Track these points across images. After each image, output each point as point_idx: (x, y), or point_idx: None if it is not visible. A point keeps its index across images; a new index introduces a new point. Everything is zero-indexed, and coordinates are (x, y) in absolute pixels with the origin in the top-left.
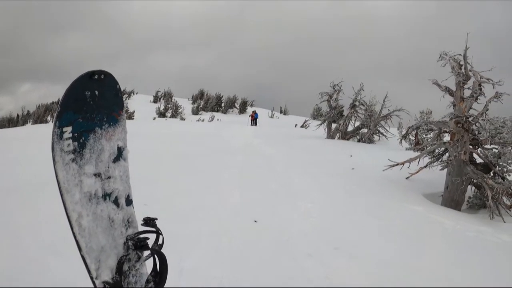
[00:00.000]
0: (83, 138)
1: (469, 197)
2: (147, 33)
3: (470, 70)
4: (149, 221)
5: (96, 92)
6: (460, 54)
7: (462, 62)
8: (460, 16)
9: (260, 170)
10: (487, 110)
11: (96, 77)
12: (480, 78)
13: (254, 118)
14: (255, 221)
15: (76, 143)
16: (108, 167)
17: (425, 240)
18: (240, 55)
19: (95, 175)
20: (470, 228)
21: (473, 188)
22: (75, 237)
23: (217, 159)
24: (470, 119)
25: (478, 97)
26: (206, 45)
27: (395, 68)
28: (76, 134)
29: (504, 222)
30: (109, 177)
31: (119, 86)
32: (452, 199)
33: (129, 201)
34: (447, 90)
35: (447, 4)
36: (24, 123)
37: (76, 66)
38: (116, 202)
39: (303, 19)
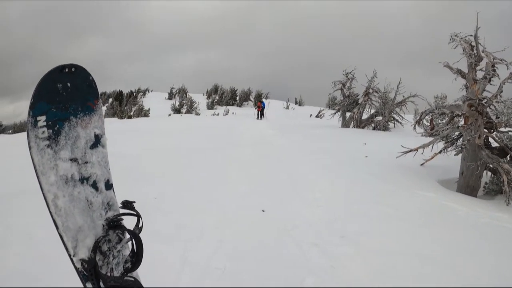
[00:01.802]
0: (57, 126)
1: (486, 183)
2: (165, 31)
3: (482, 51)
4: (127, 204)
5: (68, 84)
6: (471, 35)
7: (473, 43)
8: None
9: (271, 161)
10: (501, 92)
11: (66, 70)
12: (493, 59)
13: (261, 108)
14: (263, 211)
15: (50, 131)
16: (84, 153)
17: (436, 228)
18: (255, 50)
19: (71, 160)
20: (485, 214)
21: (489, 173)
22: (51, 216)
23: (229, 152)
24: (483, 101)
25: (492, 79)
26: (221, 41)
27: (408, 55)
28: (50, 123)
29: None
30: (86, 162)
31: (92, 78)
32: (467, 185)
33: (108, 186)
34: (459, 72)
35: None
36: None
37: (96, 68)
38: (94, 185)
39: (316, 12)
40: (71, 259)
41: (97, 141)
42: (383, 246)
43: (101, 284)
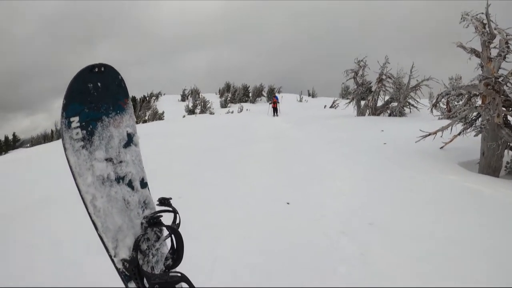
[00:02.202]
0: (91, 127)
1: (507, 162)
2: (174, 32)
3: (495, 29)
4: (164, 201)
5: (99, 84)
6: (482, 13)
7: (485, 21)
8: None
9: (289, 154)
10: None
11: (96, 70)
12: (507, 35)
13: (276, 103)
14: (288, 203)
15: (84, 132)
16: (119, 152)
17: (462, 210)
18: (265, 46)
19: (106, 160)
20: (509, 194)
21: (510, 152)
22: (90, 217)
23: (247, 148)
24: (500, 79)
25: (506, 56)
26: (231, 39)
27: (417, 39)
28: (83, 123)
29: None
30: (120, 162)
31: (121, 77)
32: (489, 166)
33: (143, 184)
34: (473, 51)
35: None
36: (59, 138)
37: None
38: (130, 184)
39: (322, 4)
40: (112, 260)
41: (130, 140)
42: (412, 232)
43: (145, 283)
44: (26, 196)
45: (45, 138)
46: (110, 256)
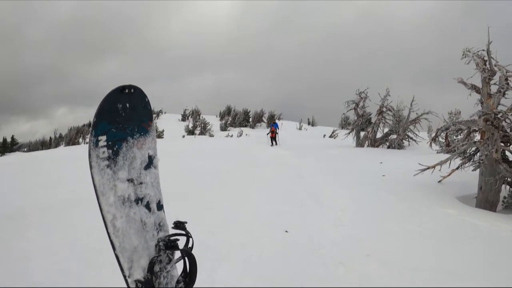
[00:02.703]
0: (116, 147)
1: (504, 197)
2: (183, 52)
3: (495, 65)
4: (179, 224)
5: (127, 105)
6: (483, 50)
7: (486, 58)
8: (481, 18)
9: (289, 181)
10: None
11: (126, 91)
12: (506, 72)
13: (275, 134)
14: (286, 231)
15: (110, 151)
16: (140, 174)
17: (459, 244)
18: (268, 72)
19: (128, 180)
20: (506, 228)
21: (508, 187)
22: (109, 237)
23: (246, 173)
24: (499, 115)
25: (506, 92)
26: (237, 63)
27: (420, 74)
28: (110, 143)
29: None
30: (141, 183)
31: (148, 99)
32: (486, 200)
33: (160, 206)
34: (473, 87)
35: (468, 5)
36: (56, 145)
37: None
38: (148, 206)
39: (330, 32)
40: (126, 280)
41: (151, 162)
42: (410, 264)
43: None
44: None
45: (43, 144)
46: (124, 276)
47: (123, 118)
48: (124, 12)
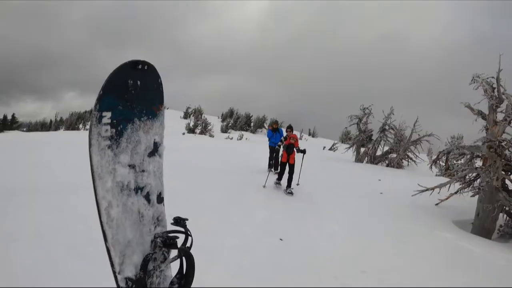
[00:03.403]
0: (121, 126)
1: (500, 226)
2: (203, 52)
3: (503, 93)
4: (180, 221)
5: (138, 82)
6: (492, 77)
7: (495, 85)
8: (490, 46)
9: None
10: None
11: (140, 66)
12: None
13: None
14: (281, 239)
15: (114, 130)
16: (143, 160)
17: (455, 268)
18: (276, 81)
19: (129, 166)
20: (501, 257)
21: (505, 216)
22: (102, 226)
23: (244, 177)
24: (503, 143)
25: None
26: (249, 70)
27: (424, 96)
28: (115, 121)
29: None
30: (143, 171)
31: (161, 80)
32: (482, 227)
33: (160, 199)
34: (480, 113)
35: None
36: (56, 128)
37: None
38: (147, 197)
39: (339, 51)
40: (115, 277)
41: (155, 149)
42: (404, 283)
43: None
44: None
45: (43, 126)
46: (114, 273)
47: (132, 96)
48: (158, 8)
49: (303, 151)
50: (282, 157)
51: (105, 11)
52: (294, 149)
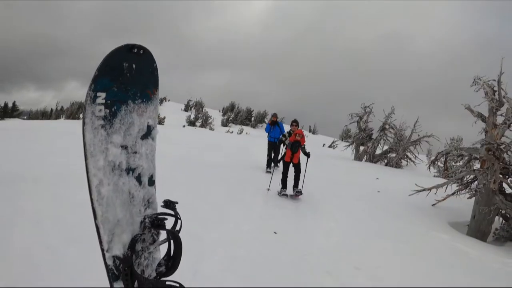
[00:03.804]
0: (115, 108)
1: (496, 229)
2: (210, 46)
3: (504, 97)
4: (170, 204)
5: (134, 66)
6: (494, 80)
7: (496, 88)
8: (491, 49)
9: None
10: None
11: (135, 50)
12: None
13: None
14: (275, 233)
15: (107, 110)
16: (135, 142)
17: (450, 269)
18: (279, 77)
19: (121, 146)
20: (496, 259)
21: (501, 219)
22: (92, 204)
23: (243, 173)
24: (502, 146)
25: (511, 124)
26: (252, 66)
27: (425, 97)
28: (109, 102)
29: None
30: (135, 152)
31: (156, 65)
32: (478, 229)
33: (151, 182)
34: (480, 116)
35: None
36: (57, 117)
37: None
38: (138, 179)
39: (340, 50)
40: (103, 255)
41: (149, 132)
42: (399, 282)
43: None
44: None
45: (43, 114)
46: (102, 250)
47: (127, 78)
48: (165, 2)
49: (308, 155)
50: (285, 155)
51: (112, 2)
52: (300, 147)
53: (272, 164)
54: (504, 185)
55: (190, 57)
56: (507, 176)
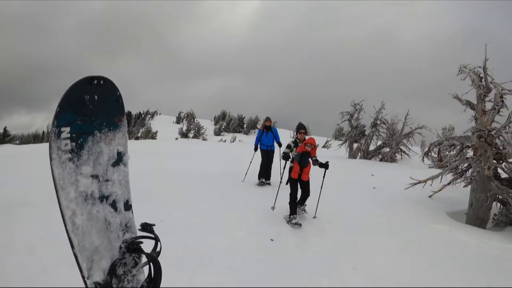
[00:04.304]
0: (81, 140)
1: (495, 214)
2: (196, 56)
3: (491, 82)
4: (147, 227)
5: (96, 97)
6: (479, 67)
7: (482, 75)
8: (478, 39)
9: (280, 190)
10: (510, 122)
11: (95, 82)
12: (502, 89)
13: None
14: (272, 240)
15: (74, 144)
16: (106, 170)
17: (449, 262)
18: (268, 83)
19: (92, 176)
20: (496, 246)
21: (499, 204)
22: (67, 234)
23: (235, 178)
24: (493, 132)
25: (501, 109)
26: (240, 73)
27: (415, 88)
28: (74, 135)
29: None
30: (107, 180)
31: (120, 93)
32: (476, 217)
33: (127, 206)
34: (468, 104)
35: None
36: (48, 140)
37: (120, 88)
38: (113, 205)
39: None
40: (84, 282)
41: (120, 159)
42: (397, 281)
43: None
44: None
45: (35, 138)
46: (83, 277)
47: (91, 110)
48: (150, 15)
49: (326, 165)
50: (292, 171)
51: (99, 20)
52: (310, 160)
53: (264, 180)
54: (499, 170)
55: (179, 68)
56: (501, 161)
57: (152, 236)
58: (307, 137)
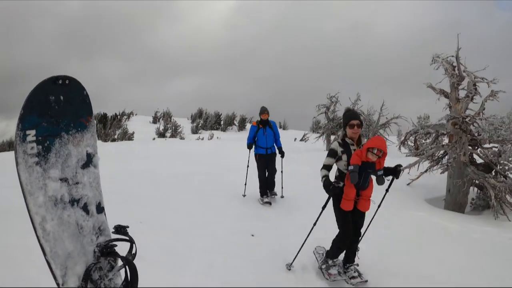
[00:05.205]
0: (48, 142)
1: (472, 199)
2: (174, 54)
3: (464, 71)
4: (120, 229)
5: (61, 97)
6: (452, 56)
7: (455, 64)
8: (450, 32)
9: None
10: (484, 109)
11: (60, 82)
12: (474, 78)
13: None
14: (252, 235)
15: (40, 147)
16: (76, 173)
17: (431, 247)
18: (244, 79)
19: (61, 179)
20: (476, 229)
21: (476, 189)
22: (39, 241)
23: (215, 177)
24: (467, 119)
25: (474, 97)
26: (216, 69)
27: (390, 78)
28: (40, 138)
29: (510, 220)
30: (77, 183)
31: (86, 92)
32: (455, 202)
33: (100, 209)
34: (442, 92)
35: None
36: None
37: (97, 90)
38: (85, 208)
39: (307, 45)
40: None
41: (89, 161)
42: (381, 269)
43: None
44: None
45: (10, 145)
46: (58, 285)
47: (56, 111)
48: (127, 16)
49: (396, 170)
50: (343, 197)
51: (76, 20)
52: (375, 176)
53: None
54: (475, 156)
55: (156, 67)
56: (476, 147)
57: (127, 238)
58: (364, 139)
